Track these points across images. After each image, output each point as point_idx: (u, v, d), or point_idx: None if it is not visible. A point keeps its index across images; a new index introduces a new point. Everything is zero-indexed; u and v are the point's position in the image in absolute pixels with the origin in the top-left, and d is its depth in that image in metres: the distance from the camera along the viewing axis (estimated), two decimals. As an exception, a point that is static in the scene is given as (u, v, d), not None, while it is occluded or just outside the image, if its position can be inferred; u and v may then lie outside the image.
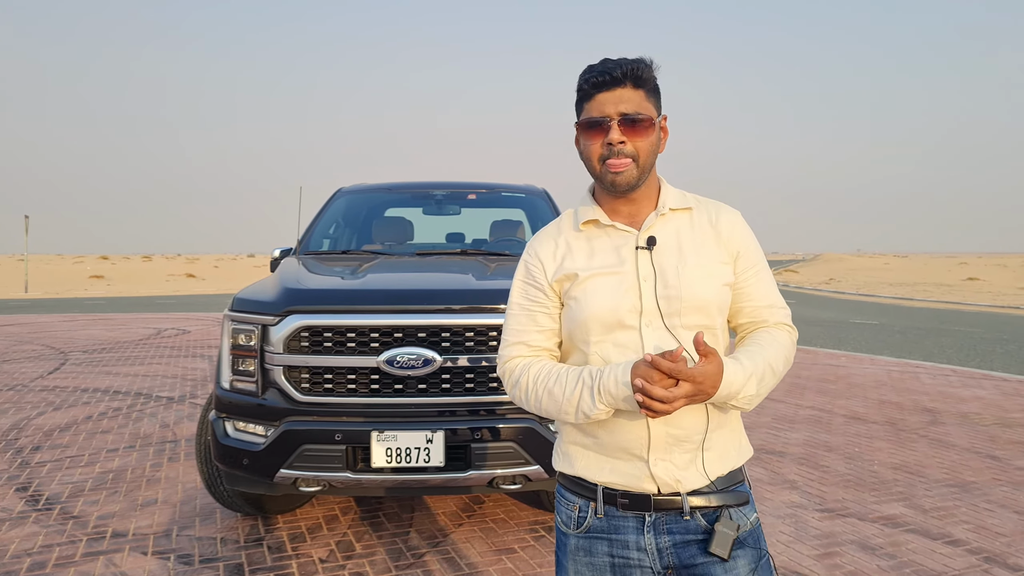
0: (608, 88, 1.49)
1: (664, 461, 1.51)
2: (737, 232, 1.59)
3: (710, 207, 1.62)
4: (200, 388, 8.12)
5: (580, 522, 1.59)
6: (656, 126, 1.53)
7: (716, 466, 1.54)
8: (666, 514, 1.52)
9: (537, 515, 4.24)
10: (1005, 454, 5.56)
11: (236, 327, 3.56)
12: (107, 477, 4.91)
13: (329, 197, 5.64)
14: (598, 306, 1.52)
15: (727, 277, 1.56)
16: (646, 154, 1.51)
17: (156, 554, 3.68)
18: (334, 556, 3.67)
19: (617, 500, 1.54)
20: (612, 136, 1.48)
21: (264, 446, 3.38)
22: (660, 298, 1.50)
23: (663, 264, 1.53)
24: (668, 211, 1.57)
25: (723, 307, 1.56)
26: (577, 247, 1.61)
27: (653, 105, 1.53)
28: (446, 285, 3.77)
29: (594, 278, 1.55)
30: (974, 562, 3.60)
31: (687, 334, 1.49)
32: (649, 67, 1.51)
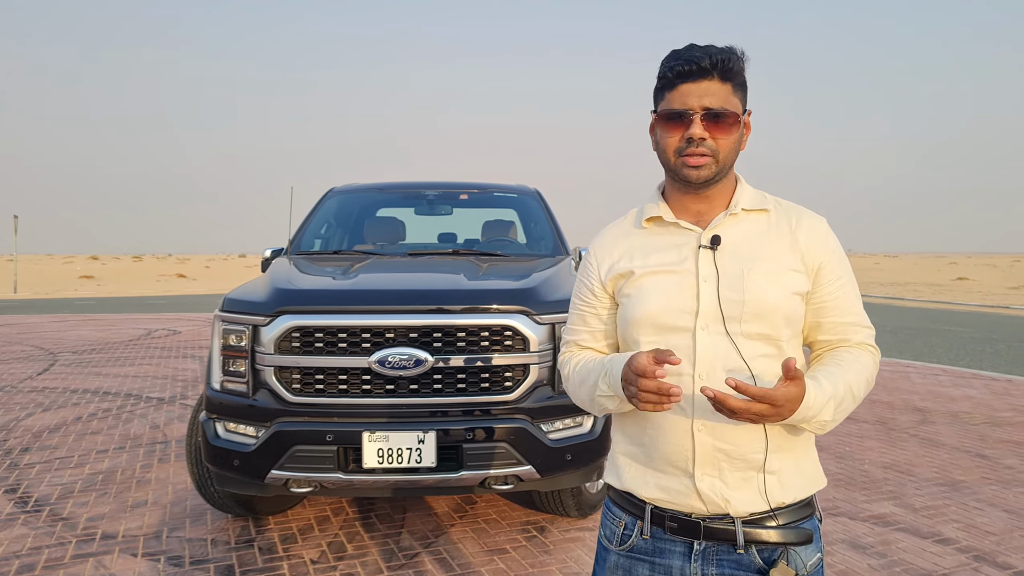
0: (693, 79, 1.39)
1: (711, 477, 1.39)
2: (819, 240, 1.46)
3: (791, 211, 1.50)
4: (191, 389, 8.08)
5: (624, 540, 1.50)
6: (741, 123, 1.43)
7: (780, 492, 1.40)
8: (718, 544, 1.40)
9: (529, 515, 4.24)
10: (994, 453, 5.59)
11: (227, 327, 3.55)
12: (97, 478, 4.89)
13: (321, 197, 5.63)
14: (650, 305, 1.44)
15: (799, 286, 1.43)
16: (727, 151, 1.42)
17: (146, 556, 3.66)
18: (325, 557, 3.66)
19: (665, 522, 1.44)
20: (693, 131, 1.38)
21: (255, 447, 3.37)
22: (723, 301, 1.39)
23: (727, 265, 1.42)
24: (740, 211, 1.47)
25: (791, 318, 1.42)
26: (637, 244, 1.52)
27: (739, 100, 1.42)
28: (438, 285, 3.76)
29: (649, 276, 1.47)
30: (963, 560, 3.61)
31: (747, 343, 1.39)
32: (739, 59, 1.41)
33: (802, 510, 1.43)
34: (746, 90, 1.46)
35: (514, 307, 3.49)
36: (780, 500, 1.40)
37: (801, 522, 1.42)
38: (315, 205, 5.52)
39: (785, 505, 1.41)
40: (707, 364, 1.39)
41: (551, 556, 3.67)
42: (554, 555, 3.69)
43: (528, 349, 3.46)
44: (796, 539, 1.39)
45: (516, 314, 3.47)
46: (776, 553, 1.39)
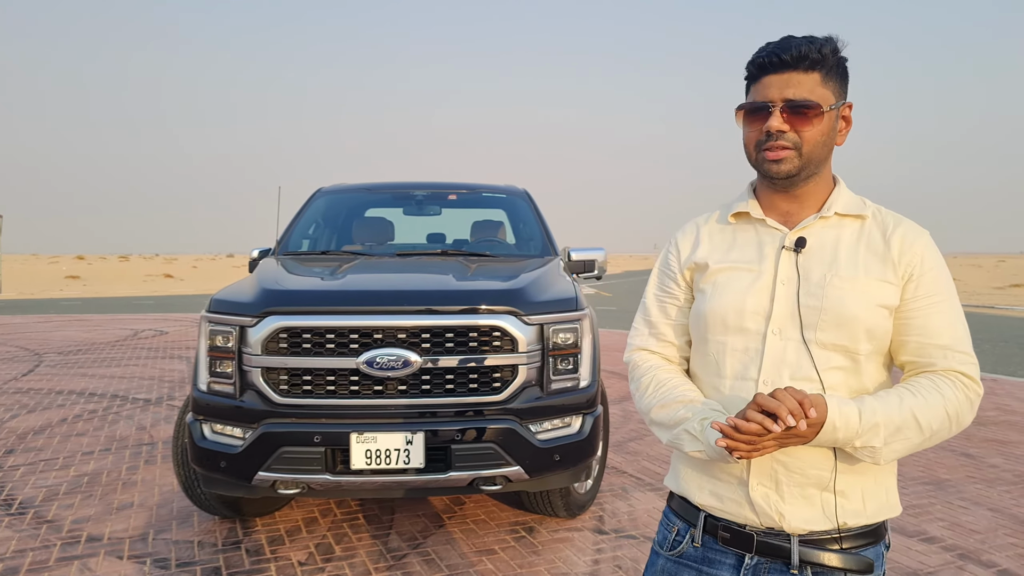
0: (776, 70, 1.33)
1: (765, 488, 1.33)
2: (915, 251, 1.34)
3: (889, 219, 1.39)
4: (177, 390, 8.04)
5: (675, 545, 1.46)
6: (828, 115, 1.34)
7: (846, 515, 1.33)
8: (771, 561, 1.34)
9: (518, 516, 4.24)
10: (979, 452, 5.63)
11: (213, 328, 3.53)
12: (82, 480, 4.85)
13: (308, 197, 5.61)
14: (722, 301, 1.39)
15: (887, 299, 1.33)
16: (812, 145, 1.33)
17: (132, 558, 3.64)
18: (313, 559, 3.65)
19: (719, 531, 1.39)
20: (771, 123, 1.32)
21: (242, 448, 3.35)
22: (801, 306, 1.32)
23: (810, 270, 1.34)
24: (834, 215, 1.38)
25: (875, 332, 1.32)
26: (719, 239, 1.47)
27: (831, 91, 1.34)
28: (426, 286, 3.76)
29: (726, 271, 1.41)
30: (949, 559, 3.64)
31: (823, 354, 1.31)
32: (828, 46, 1.32)
33: (868, 536, 1.36)
34: (843, 80, 1.37)
35: (503, 308, 3.49)
36: (845, 523, 1.33)
37: (865, 548, 1.35)
38: (303, 205, 5.50)
39: (849, 528, 1.34)
40: (774, 370, 1.33)
41: (540, 557, 3.67)
42: (543, 555, 3.69)
43: (517, 350, 3.46)
44: (856, 567, 1.32)
45: (505, 315, 3.47)
46: None
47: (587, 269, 4.92)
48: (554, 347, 3.54)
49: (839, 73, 1.36)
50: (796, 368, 1.32)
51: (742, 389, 1.35)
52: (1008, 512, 4.30)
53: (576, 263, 4.88)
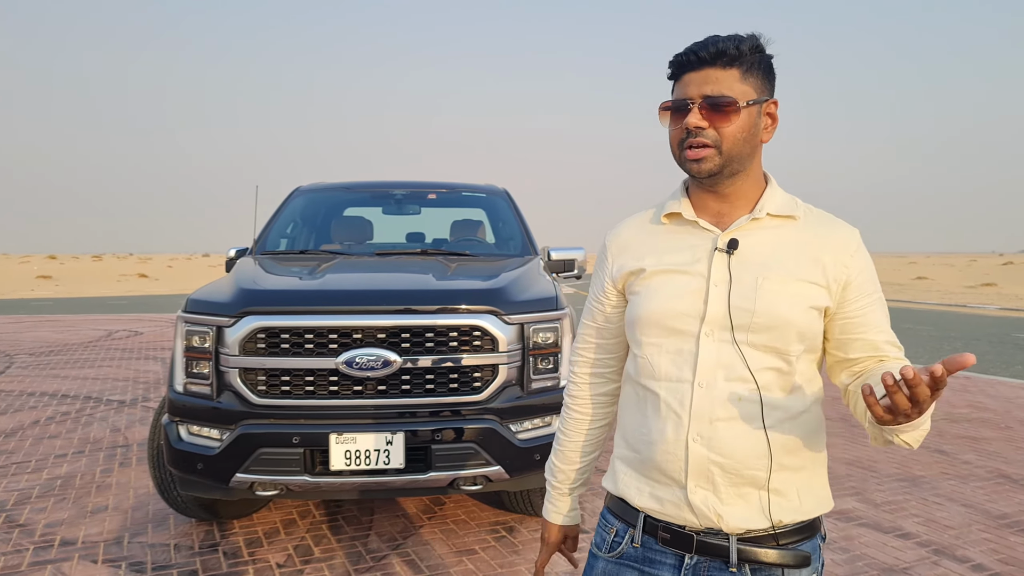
0: (694, 68, 1.33)
1: (704, 490, 1.33)
2: (847, 253, 1.36)
3: (822, 220, 1.40)
4: (153, 391, 7.94)
5: (614, 546, 1.46)
6: (748, 110, 1.32)
7: (783, 512, 1.34)
8: (710, 560, 1.35)
9: (498, 515, 4.23)
10: (952, 448, 5.71)
11: (190, 329, 3.49)
12: (55, 484, 4.78)
13: (287, 196, 5.56)
14: (655, 304, 1.38)
15: (818, 300, 1.33)
16: (732, 141, 1.32)
17: (107, 562, 3.59)
18: (292, 561, 3.62)
19: (658, 532, 1.39)
20: (689, 119, 1.31)
21: (219, 450, 3.32)
22: (732, 308, 1.32)
23: (741, 272, 1.34)
24: (765, 216, 1.38)
25: (806, 333, 1.33)
26: (652, 241, 1.46)
27: (752, 87, 1.33)
28: (406, 285, 3.74)
29: (660, 275, 1.40)
30: (924, 555, 3.69)
31: (755, 355, 1.32)
32: (748, 43, 1.32)
33: (804, 531, 1.37)
34: (767, 77, 1.37)
35: (483, 307, 3.48)
36: (781, 520, 1.33)
37: (801, 543, 1.36)
38: (281, 204, 5.45)
39: (785, 525, 1.34)
40: (709, 372, 1.33)
41: (520, 556, 3.67)
42: (523, 555, 3.68)
43: (497, 349, 3.45)
44: (793, 561, 1.33)
45: (485, 314, 3.46)
46: (771, 575, 1.34)
47: (567, 269, 4.92)
48: (534, 346, 3.54)
49: (762, 70, 1.35)
50: (730, 369, 1.32)
51: (677, 391, 1.35)
52: (981, 508, 4.36)
53: (556, 263, 4.88)
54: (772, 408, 1.31)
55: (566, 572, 3.50)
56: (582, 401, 1.61)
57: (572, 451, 1.62)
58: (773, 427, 1.31)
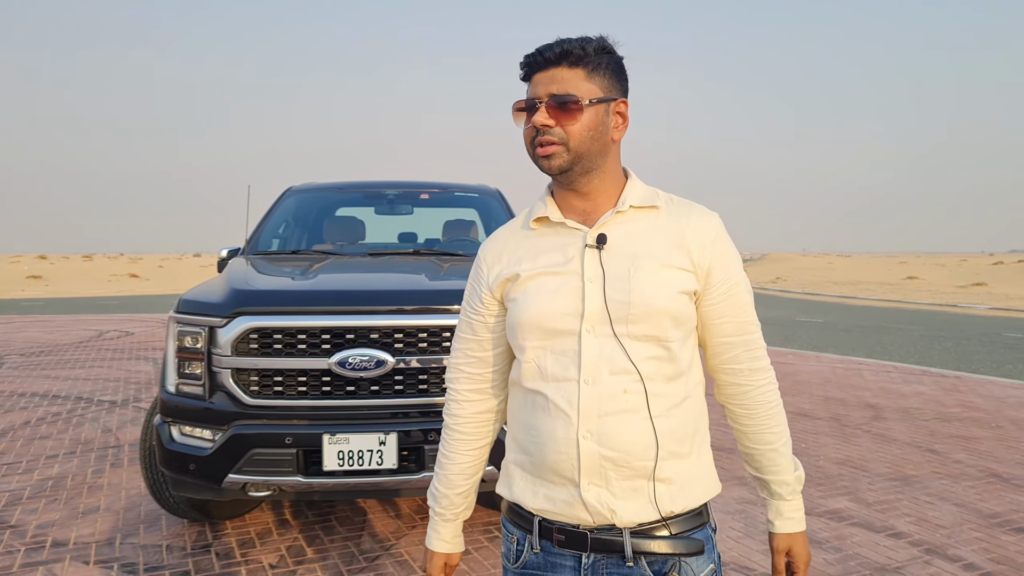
0: (541, 68, 1.36)
1: (597, 487, 1.33)
2: (707, 238, 1.40)
3: (682, 208, 1.44)
4: (144, 392, 7.91)
5: (518, 556, 1.45)
6: (593, 109, 1.35)
7: (671, 501, 1.35)
8: (607, 556, 1.35)
9: (491, 516, 4.23)
10: (944, 448, 5.74)
11: (182, 329, 3.47)
12: (46, 485, 4.75)
13: (279, 196, 5.55)
14: (534, 309, 1.38)
15: (686, 285, 1.37)
16: (579, 139, 1.34)
17: (99, 563, 3.57)
18: (284, 562, 3.61)
19: (553, 535, 1.38)
20: (536, 118, 1.34)
21: (212, 451, 3.31)
22: (609, 301, 1.34)
23: (614, 265, 1.36)
24: (629, 208, 1.40)
25: (680, 318, 1.36)
26: (525, 247, 1.47)
27: (598, 86, 1.36)
28: (399, 286, 3.74)
29: (535, 279, 1.41)
30: (916, 554, 3.70)
31: (635, 344, 1.34)
32: (594, 44, 1.36)
33: (694, 519, 1.38)
34: (615, 78, 1.40)
35: (476, 307, 3.47)
36: (670, 509, 1.35)
37: (693, 531, 1.38)
38: (273, 204, 5.44)
39: (676, 514, 1.36)
40: (593, 368, 1.34)
41: (513, 556, 3.67)
42: (516, 555, 3.68)
43: (490, 349, 3.45)
44: (687, 549, 1.35)
45: (478, 314, 3.46)
46: (667, 565, 1.35)
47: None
48: (527, 346, 3.53)
49: (610, 70, 1.38)
50: (613, 363, 1.33)
51: (564, 390, 1.35)
52: (973, 507, 4.38)
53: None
54: (656, 397, 1.34)
55: None
56: (464, 420, 1.57)
57: (455, 474, 1.57)
58: (659, 416, 1.33)
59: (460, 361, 1.57)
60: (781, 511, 1.49)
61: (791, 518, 1.48)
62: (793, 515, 1.48)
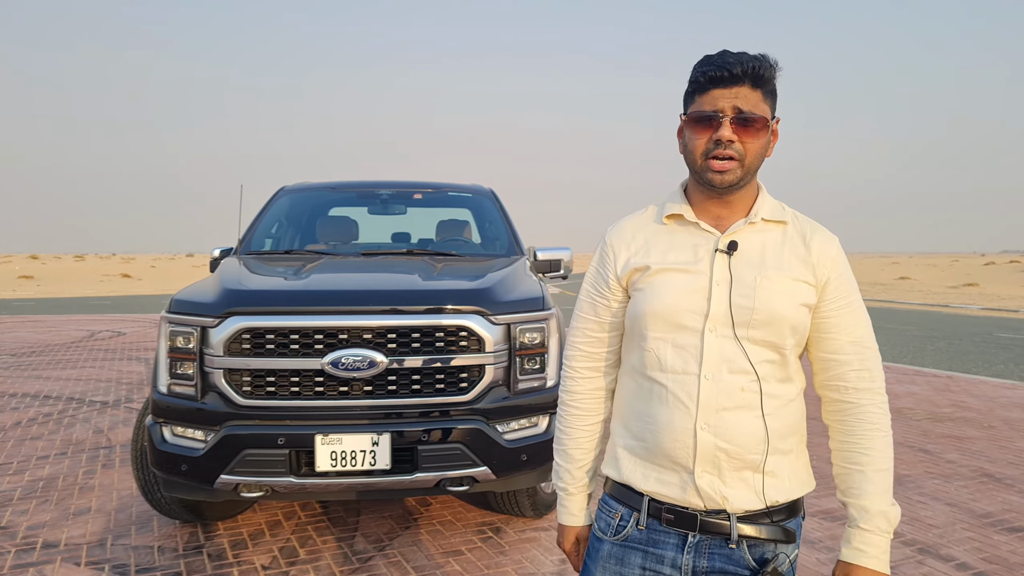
0: (725, 84, 1.41)
1: (710, 475, 1.43)
2: (830, 256, 1.48)
3: (807, 225, 1.52)
4: (136, 392, 7.88)
5: (619, 530, 1.53)
6: (769, 129, 1.44)
7: (776, 492, 1.45)
8: (712, 537, 1.45)
9: (485, 516, 4.22)
10: (936, 448, 5.76)
11: (174, 329, 3.46)
12: (37, 485, 4.73)
13: (271, 196, 5.53)
14: (662, 301, 1.46)
15: (807, 297, 1.45)
16: (753, 156, 1.43)
17: (90, 564, 3.55)
18: (277, 563, 3.59)
19: (662, 514, 1.47)
20: (722, 132, 1.40)
21: (204, 451, 3.29)
22: (734, 306, 1.42)
23: (741, 271, 1.44)
24: (760, 220, 1.49)
25: (797, 328, 1.45)
26: (655, 240, 1.54)
27: (769, 107, 1.44)
28: (392, 286, 3.72)
29: (665, 272, 1.49)
30: (909, 553, 3.71)
31: (754, 349, 1.42)
32: (772, 67, 1.43)
33: (791, 510, 1.48)
34: (775, 98, 1.48)
35: (469, 307, 3.47)
36: (775, 500, 1.44)
37: (788, 520, 1.47)
38: (266, 204, 5.42)
39: (779, 504, 1.46)
40: (713, 365, 1.42)
41: (507, 557, 3.66)
42: (510, 556, 3.68)
43: (483, 350, 3.44)
44: (784, 537, 1.45)
45: (471, 314, 3.45)
46: (765, 551, 1.45)
47: (553, 269, 4.92)
48: (521, 347, 3.53)
49: (774, 91, 1.47)
50: (733, 362, 1.42)
51: (684, 383, 1.44)
52: (965, 507, 4.39)
53: (542, 263, 4.87)
54: (770, 397, 1.43)
55: (551, 573, 3.49)
56: (581, 396, 1.65)
57: (575, 448, 1.66)
58: (770, 415, 1.43)
59: (579, 340, 1.65)
60: (851, 538, 1.47)
61: (859, 549, 1.46)
62: (863, 546, 1.45)
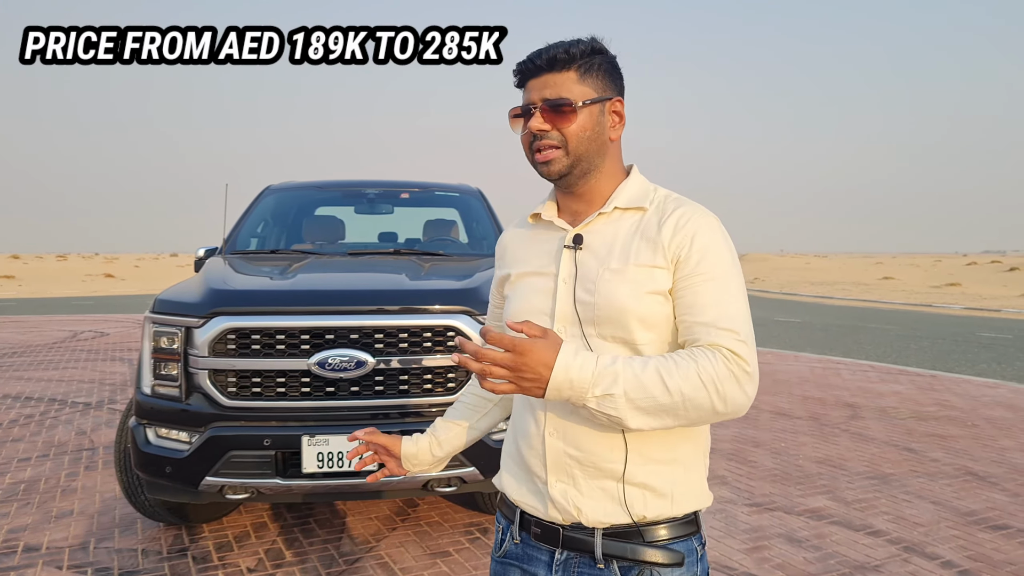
0: (534, 75, 1.37)
1: (563, 484, 1.34)
2: (686, 232, 1.32)
3: (669, 206, 1.37)
4: (119, 393, 7.80)
5: (500, 545, 1.48)
6: (588, 110, 1.35)
7: (644, 507, 1.31)
8: (579, 555, 1.34)
9: (472, 517, 4.21)
10: (921, 446, 5.80)
11: (158, 329, 3.42)
12: (18, 488, 4.67)
13: (257, 195, 5.49)
14: (514, 306, 1.44)
15: (657, 284, 1.31)
16: (576, 141, 1.34)
17: (72, 568, 3.50)
18: (263, 565, 3.57)
19: (531, 528, 1.40)
20: (532, 123, 1.35)
21: (188, 453, 3.26)
22: (578, 302, 1.34)
23: (588, 265, 1.36)
24: (614, 210, 1.39)
25: (648, 320, 1.30)
26: (519, 245, 1.52)
27: (592, 87, 1.36)
28: (379, 285, 3.70)
29: (522, 278, 1.46)
30: (894, 552, 3.73)
31: (603, 345, 1.32)
32: (581, 46, 1.35)
33: (677, 528, 1.34)
34: (609, 77, 1.38)
35: (457, 307, 3.45)
36: (643, 514, 1.31)
37: (673, 542, 1.33)
38: (251, 203, 5.38)
39: (650, 520, 1.32)
40: None
41: (494, 558, 3.65)
42: (497, 557, 3.66)
43: (471, 350, 3.43)
44: (662, 559, 1.30)
45: (459, 314, 3.44)
46: (641, 572, 1.31)
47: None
48: (509, 347, 3.52)
49: (602, 70, 1.38)
50: None
51: None
52: (950, 505, 4.43)
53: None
54: None
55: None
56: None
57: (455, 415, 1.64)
58: None
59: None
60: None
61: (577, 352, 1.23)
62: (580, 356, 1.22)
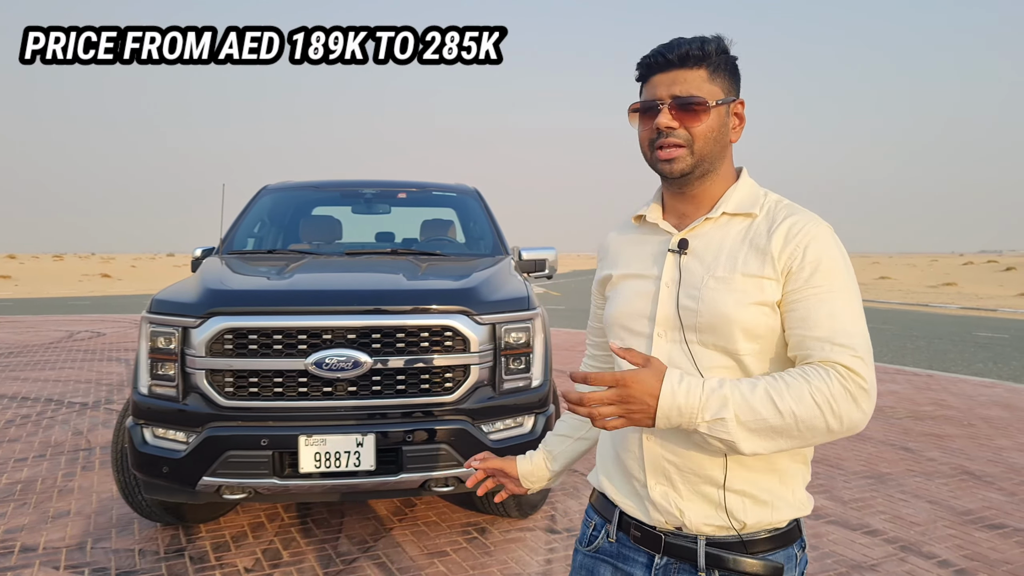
0: (662, 70, 1.34)
1: (663, 486, 1.34)
2: (797, 242, 1.27)
3: (780, 214, 1.33)
4: (116, 393, 7.79)
5: (591, 540, 1.48)
6: (717, 110, 1.33)
7: (744, 513, 1.30)
8: (679, 562, 1.34)
9: (470, 516, 4.21)
10: (917, 446, 5.81)
11: (155, 329, 3.42)
12: (15, 488, 4.66)
13: (254, 195, 5.49)
14: (616, 308, 1.43)
15: (765, 295, 1.27)
16: (703, 141, 1.32)
17: (69, 568, 3.50)
18: (260, 565, 3.56)
19: (631, 530, 1.40)
20: (660, 120, 1.32)
21: (185, 453, 3.26)
22: (681, 308, 1.32)
23: (692, 271, 1.33)
24: (721, 215, 1.36)
25: (753, 331, 1.28)
26: (625, 246, 1.51)
27: (720, 87, 1.34)
28: (376, 285, 3.70)
29: (625, 280, 1.45)
30: (891, 551, 3.74)
31: (705, 354, 1.30)
32: (714, 44, 1.33)
33: (777, 538, 1.33)
34: (732, 78, 1.37)
35: (454, 307, 3.45)
36: (743, 521, 1.30)
37: (773, 551, 1.32)
38: (248, 203, 5.38)
39: (750, 528, 1.31)
40: None
41: (492, 557, 3.65)
42: (495, 556, 3.67)
43: (468, 350, 3.43)
44: (763, 571, 1.30)
45: (456, 314, 3.44)
46: None
47: (538, 268, 4.92)
48: (506, 347, 3.52)
49: (727, 70, 1.36)
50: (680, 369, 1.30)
51: None
52: (946, 504, 4.44)
53: (527, 262, 4.87)
54: None
55: (537, 573, 3.49)
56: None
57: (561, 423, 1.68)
58: None
59: (588, 341, 1.68)
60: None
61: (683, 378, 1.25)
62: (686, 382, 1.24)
